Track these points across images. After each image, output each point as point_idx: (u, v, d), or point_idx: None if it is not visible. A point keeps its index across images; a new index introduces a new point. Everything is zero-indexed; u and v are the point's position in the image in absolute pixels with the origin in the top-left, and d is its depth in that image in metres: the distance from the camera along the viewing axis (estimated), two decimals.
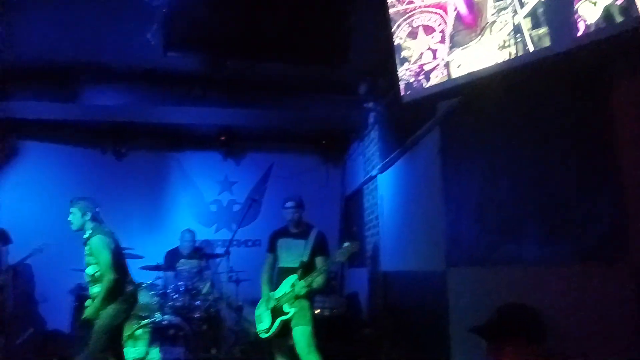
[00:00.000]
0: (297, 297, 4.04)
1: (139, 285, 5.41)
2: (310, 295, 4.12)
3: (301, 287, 3.96)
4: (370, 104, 5.03)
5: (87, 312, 3.87)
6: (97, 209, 4.06)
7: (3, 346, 5.34)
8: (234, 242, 6.33)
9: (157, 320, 4.99)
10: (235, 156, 7.14)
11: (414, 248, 4.10)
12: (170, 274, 5.73)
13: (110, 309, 3.81)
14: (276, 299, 4.18)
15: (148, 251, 5.96)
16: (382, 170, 4.99)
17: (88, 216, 3.96)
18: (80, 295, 5.87)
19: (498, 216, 2.64)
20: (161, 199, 6.95)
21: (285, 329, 4.09)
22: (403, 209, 4.42)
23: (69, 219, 3.99)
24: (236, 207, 7.13)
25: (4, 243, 5.16)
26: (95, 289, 3.92)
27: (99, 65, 4.66)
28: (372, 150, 5.41)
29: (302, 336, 3.92)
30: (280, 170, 7.16)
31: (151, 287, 5.39)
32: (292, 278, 4.14)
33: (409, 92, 2.57)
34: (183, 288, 5.36)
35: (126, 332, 5.08)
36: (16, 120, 5.49)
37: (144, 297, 5.31)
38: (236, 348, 5.51)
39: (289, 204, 4.31)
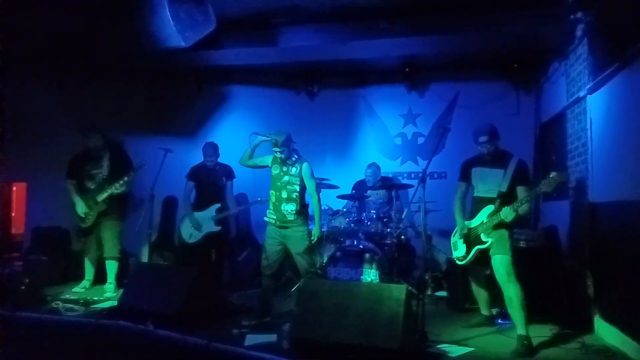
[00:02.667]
0: (497, 226, 3.97)
1: (337, 212, 5.91)
2: (511, 225, 4.00)
3: (508, 212, 3.83)
4: (579, 14, 4.44)
5: (316, 233, 4.57)
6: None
7: (228, 265, 6.37)
8: (420, 175, 6.41)
9: (353, 244, 5.41)
10: (419, 88, 7.06)
11: (630, 177, 3.67)
12: (360, 202, 6.08)
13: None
14: (472, 228, 4.17)
15: (341, 181, 6.41)
16: (592, 91, 4.45)
17: (290, 143, 4.52)
18: None
19: None
20: (350, 134, 7.30)
21: (482, 258, 4.09)
22: (619, 134, 3.93)
23: (276, 140, 4.45)
24: (421, 140, 7.13)
25: (228, 178, 5.98)
26: (290, 207, 4.45)
27: (293, 7, 4.95)
28: (578, 68, 4.84)
29: (501, 265, 3.88)
30: (466, 100, 6.88)
31: (347, 214, 5.82)
32: (489, 208, 4.06)
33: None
34: (375, 216, 5.69)
35: (327, 254, 5.67)
36: (225, 67, 6.23)
37: (341, 223, 5.78)
38: (427, 274, 5.69)
39: (482, 138, 4.11)
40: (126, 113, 6.79)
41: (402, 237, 5.88)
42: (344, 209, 6.08)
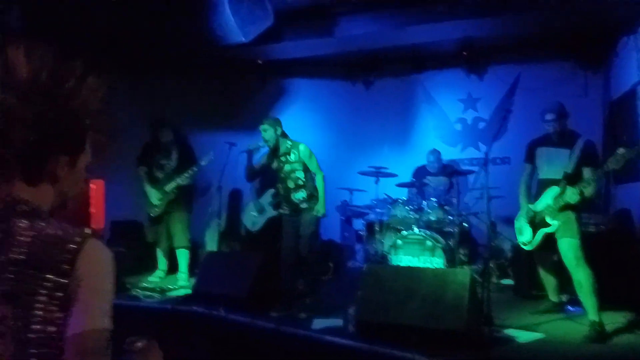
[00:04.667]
0: (563, 208, 3.87)
1: (396, 200, 5.92)
2: (578, 207, 3.89)
3: (573, 193, 3.72)
4: None
5: (321, 210, 4.61)
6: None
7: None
8: (482, 160, 6.30)
9: (415, 233, 5.41)
10: (478, 71, 6.89)
11: None
12: (420, 190, 6.06)
13: None
14: (537, 211, 4.08)
15: (400, 170, 6.41)
16: None
17: (279, 131, 4.57)
18: (345, 210, 6.73)
19: None
20: (408, 121, 7.26)
21: (549, 242, 3.99)
22: None
23: (262, 136, 4.59)
24: (482, 125, 6.98)
25: None
26: (300, 195, 4.51)
27: None
28: None
29: (569, 249, 3.78)
30: (529, 82, 6.65)
31: (407, 202, 5.82)
32: (554, 190, 3.96)
33: None
34: (436, 204, 5.66)
35: (387, 242, 5.70)
36: (285, 60, 6.38)
37: (401, 212, 5.79)
38: (491, 262, 5.60)
39: (549, 116, 4.01)
40: (193, 107, 7.07)
41: (465, 224, 5.81)
42: (408, 197, 6.07)
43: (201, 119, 7.04)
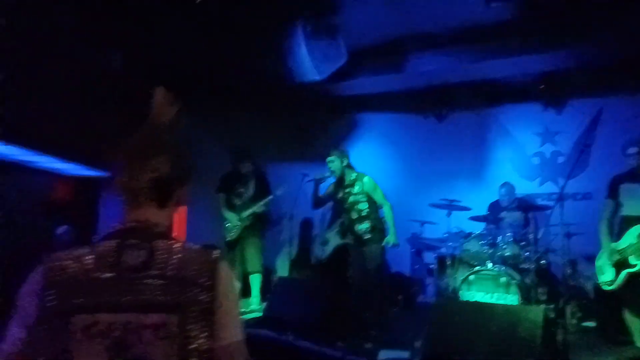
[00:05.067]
0: None
1: (470, 234, 5.81)
2: None
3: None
4: None
5: (391, 240, 4.66)
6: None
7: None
8: (562, 196, 6.06)
9: (488, 268, 5.26)
10: (556, 105, 6.69)
11: None
12: (494, 224, 5.91)
13: None
14: (619, 250, 3.88)
15: (473, 203, 6.29)
16: None
17: (345, 162, 4.69)
18: (416, 242, 6.68)
19: None
20: (482, 155, 7.14)
21: (634, 283, 3.76)
22: None
23: (329, 166, 4.72)
24: (561, 159, 6.72)
25: None
26: (364, 226, 4.54)
27: (421, 33, 5.15)
28: None
29: None
30: (611, 115, 6.36)
31: (480, 237, 5.69)
32: (638, 228, 3.75)
33: None
34: (511, 239, 5.48)
35: (460, 277, 5.58)
36: (356, 96, 6.58)
37: (474, 246, 5.66)
38: (572, 302, 5.31)
39: (632, 149, 3.86)
40: (270, 140, 7.43)
41: (542, 261, 5.57)
42: (481, 232, 5.95)
43: (277, 151, 7.37)
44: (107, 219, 8.54)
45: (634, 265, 3.70)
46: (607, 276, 3.97)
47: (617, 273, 3.87)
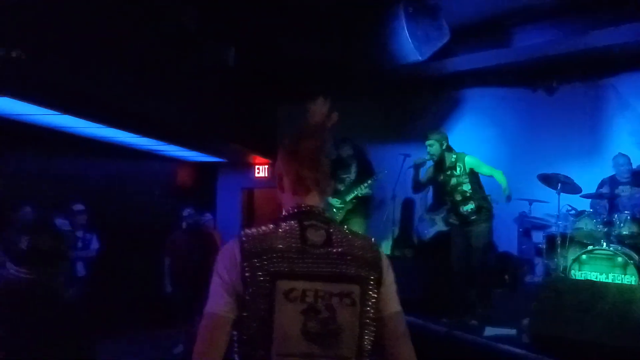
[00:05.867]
0: None
1: (582, 212, 5.55)
2: None
3: None
4: None
5: (506, 190, 4.72)
6: None
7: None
8: None
9: (603, 247, 5.02)
10: None
11: None
12: (611, 201, 5.57)
13: None
14: None
15: (586, 180, 5.97)
16: None
17: (444, 145, 4.70)
18: (524, 221, 6.50)
19: None
20: (598, 129, 6.69)
21: None
22: None
23: (428, 150, 4.74)
24: None
25: None
26: (469, 207, 4.56)
27: (526, 7, 4.96)
28: None
29: None
30: None
31: (594, 214, 5.42)
32: None
33: None
34: (629, 216, 5.16)
35: (571, 257, 5.38)
36: (459, 73, 6.49)
37: (587, 225, 5.42)
38: None
39: None
40: (372, 123, 7.59)
41: None
42: (596, 209, 5.65)
43: (379, 134, 7.50)
44: (223, 202, 9.36)
45: None
46: None
47: None
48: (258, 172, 8.99)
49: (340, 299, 1.38)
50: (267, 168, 8.83)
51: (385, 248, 7.13)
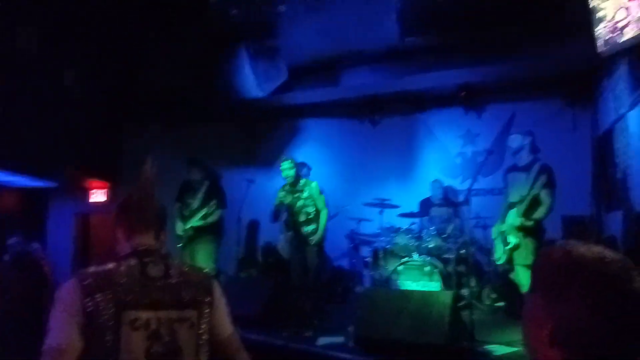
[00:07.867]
0: (519, 229, 4.30)
1: (399, 229, 6.46)
2: (533, 231, 4.30)
3: (515, 216, 4.24)
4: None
5: (316, 238, 5.26)
6: None
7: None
8: (481, 191, 6.85)
9: (414, 259, 5.91)
10: (476, 109, 7.45)
11: None
12: (424, 219, 6.59)
13: None
14: (501, 231, 4.55)
15: (403, 201, 6.95)
16: (631, 107, 4.75)
17: (296, 169, 5.28)
18: (354, 238, 7.28)
19: None
20: (411, 156, 7.84)
21: (511, 257, 4.40)
22: None
23: (283, 173, 5.27)
24: (480, 158, 7.50)
25: None
26: (310, 227, 5.22)
27: (351, 53, 5.74)
28: (621, 86, 5.14)
29: (524, 278, 4.20)
30: (523, 119, 7.19)
31: (407, 231, 6.34)
32: (512, 212, 4.43)
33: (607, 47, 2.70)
34: (435, 232, 6.17)
35: (390, 268, 6.21)
36: (297, 106, 7.12)
37: (402, 240, 6.31)
38: (488, 286, 6.07)
39: (511, 142, 4.61)
40: (220, 150, 7.79)
41: (462, 251, 6.28)
42: (411, 226, 6.58)
43: (226, 160, 7.75)
44: (54, 229, 8.65)
45: (509, 243, 4.38)
46: (497, 254, 4.66)
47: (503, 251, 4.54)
48: (94, 196, 8.52)
49: (180, 324, 1.62)
50: (105, 192, 8.45)
51: (231, 269, 7.35)
